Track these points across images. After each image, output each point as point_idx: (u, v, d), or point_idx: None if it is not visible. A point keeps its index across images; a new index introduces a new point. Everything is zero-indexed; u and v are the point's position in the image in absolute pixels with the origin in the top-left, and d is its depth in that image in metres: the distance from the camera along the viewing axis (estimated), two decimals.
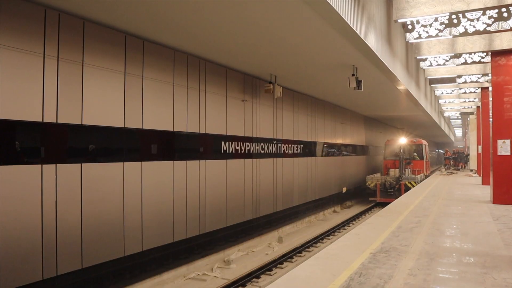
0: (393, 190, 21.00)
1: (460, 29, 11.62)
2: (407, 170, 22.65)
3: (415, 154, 24.86)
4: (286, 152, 15.72)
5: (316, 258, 6.20)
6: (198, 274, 9.32)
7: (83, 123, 7.43)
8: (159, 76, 9.26)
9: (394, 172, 22.81)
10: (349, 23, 7.80)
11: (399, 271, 5.42)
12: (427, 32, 12.16)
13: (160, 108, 9.30)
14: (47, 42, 6.83)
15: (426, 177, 25.45)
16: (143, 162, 8.73)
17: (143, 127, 8.77)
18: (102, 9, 7.09)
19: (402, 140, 24.14)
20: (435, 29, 11.91)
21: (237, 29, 8.33)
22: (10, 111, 6.27)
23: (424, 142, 26.32)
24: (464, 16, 11.46)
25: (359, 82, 11.63)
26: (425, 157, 25.53)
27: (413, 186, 19.79)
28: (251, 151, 13.08)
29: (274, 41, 9.17)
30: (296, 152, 16.61)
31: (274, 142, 14.74)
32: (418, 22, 12.20)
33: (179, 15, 7.45)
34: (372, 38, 9.66)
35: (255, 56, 10.63)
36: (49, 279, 6.82)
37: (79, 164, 7.34)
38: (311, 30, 8.37)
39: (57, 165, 6.95)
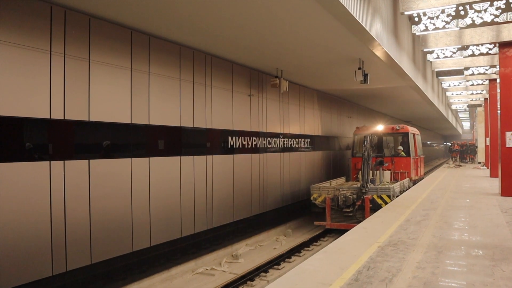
0: (353, 210, 12.20)
1: (468, 20, 11.50)
2: (378, 173, 13.82)
3: (400, 148, 16.10)
4: (294, 146, 15.70)
5: (324, 252, 6.21)
6: (207, 269, 9.36)
7: (90, 120, 7.47)
8: (165, 72, 9.27)
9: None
10: (355, 16, 7.74)
11: (407, 264, 5.41)
12: (434, 24, 12.05)
13: (166, 104, 9.32)
14: (54, 39, 6.86)
15: (415, 183, 16.47)
16: (150, 158, 8.77)
17: (150, 123, 8.79)
18: (107, 5, 7.10)
19: (379, 128, 16.45)
20: (442, 21, 11.80)
21: (243, 24, 8.30)
22: (18, 108, 6.31)
23: (412, 129, 17.06)
24: (471, 8, 11.33)
25: (365, 76, 11.57)
26: (412, 152, 16.20)
27: (386, 203, 11.54)
28: (258, 146, 13.08)
29: (279, 36, 9.14)
30: (303, 146, 16.59)
31: (281, 136, 14.72)
32: (424, 14, 12.09)
33: (185, 11, 7.44)
34: (378, 31, 9.59)
35: (261, 51, 10.61)
36: (59, 275, 6.89)
37: (87, 161, 7.39)
38: (316, 23, 8.33)
39: (65, 161, 7.00)
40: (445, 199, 11.63)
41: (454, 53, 15.84)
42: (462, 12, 11.51)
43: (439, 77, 22.04)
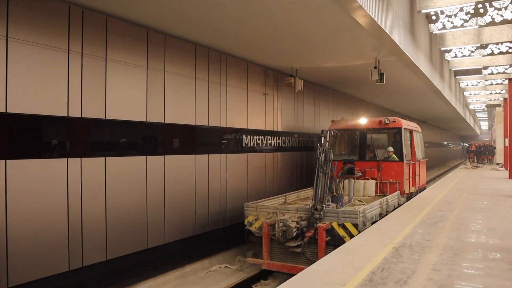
0: (301, 244, 8.11)
1: (487, 18, 11.29)
2: (349, 185, 9.87)
3: (390, 149, 11.98)
4: (309, 146, 15.65)
5: (338, 252, 6.17)
6: (220, 267, 9.40)
7: (107, 118, 7.56)
8: (181, 70, 9.33)
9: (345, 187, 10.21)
10: (371, 15, 7.68)
11: (422, 266, 5.34)
12: (451, 22, 11.87)
13: (181, 102, 9.37)
14: (71, 38, 6.96)
15: (410, 197, 12.08)
16: (165, 156, 8.83)
17: (165, 121, 8.86)
18: (124, 5, 7.17)
19: (361, 122, 12.29)
20: (460, 19, 11.61)
21: (258, 23, 8.30)
22: (36, 106, 6.42)
23: (407, 124, 12.82)
24: (491, 5, 11.12)
25: (381, 75, 11.46)
26: (408, 154, 12.09)
27: (351, 236, 7.64)
28: (272, 145, 13.07)
29: (294, 34, 9.11)
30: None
31: (296, 135, 14.69)
32: (442, 12, 11.92)
33: (200, 10, 7.47)
34: (395, 29, 9.49)
35: (276, 50, 10.59)
36: (75, 270, 7.00)
37: (103, 158, 7.48)
38: (332, 22, 8.28)
39: (82, 158, 7.10)
40: (462, 201, 11.46)
41: (472, 52, 15.57)
42: (482, 10, 11.30)
43: (456, 77, 21.71)
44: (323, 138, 8.67)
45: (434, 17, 12.25)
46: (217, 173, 10.48)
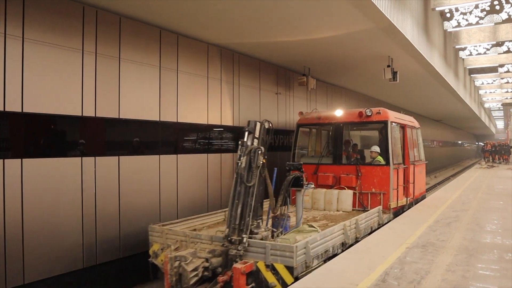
0: None
1: (503, 15, 11.12)
2: (298, 201, 7.11)
3: (374, 149, 9.59)
4: None
5: (351, 251, 6.15)
6: None
7: (120, 117, 7.62)
8: (193, 70, 9.36)
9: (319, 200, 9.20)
10: (384, 12, 7.62)
11: (436, 266, 5.29)
12: (466, 20, 11.73)
13: (194, 102, 9.41)
14: (85, 38, 7.03)
15: (398, 213, 9.47)
16: (178, 155, 8.88)
17: (178, 121, 8.90)
18: (137, 5, 7.22)
19: (337, 114, 10.02)
20: (476, 16, 11.46)
21: (271, 23, 8.29)
22: (52, 105, 6.51)
23: (397, 117, 10.17)
24: (507, 2, 10.95)
25: (394, 73, 11.37)
26: (397, 156, 9.68)
27: (285, 286, 5.12)
28: (285, 144, 13.05)
29: (307, 33, 9.08)
30: None
31: None
32: (457, 9, 11.78)
33: (212, 11, 7.49)
34: (408, 27, 9.40)
35: (289, 49, 10.57)
36: (89, 268, 7.08)
37: (117, 157, 7.55)
38: (344, 20, 8.23)
39: (96, 157, 7.17)
40: (476, 201, 11.31)
41: (488, 49, 15.36)
42: (498, 7, 11.14)
43: (471, 75, 21.43)
44: (247, 133, 5.99)
45: (448, 15, 12.12)
46: (229, 173, 10.51)
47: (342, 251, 6.43)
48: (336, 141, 10.03)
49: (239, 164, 5.76)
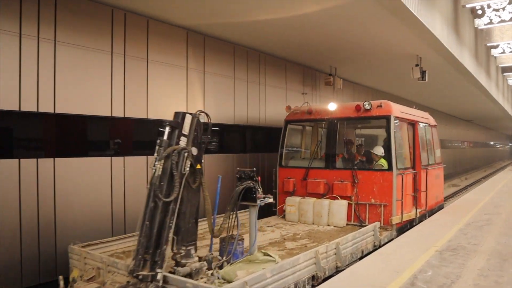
0: None
1: None
2: (251, 225, 5.65)
3: (376, 151, 8.25)
4: None
5: (378, 254, 6.05)
6: None
7: (148, 117, 7.74)
8: (220, 70, 9.42)
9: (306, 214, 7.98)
10: (412, 11, 7.47)
11: (467, 270, 5.14)
12: (499, 16, 11.38)
13: (221, 102, 9.46)
14: (115, 40, 7.19)
15: (403, 228, 7.82)
16: (204, 155, 8.93)
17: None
18: (165, 7, 7.33)
19: (330, 108, 8.51)
20: (509, 12, 11.09)
21: (296, 23, 8.26)
22: (82, 106, 6.68)
23: (403, 111, 8.59)
24: None
25: (423, 73, 11.14)
26: (402, 160, 8.29)
27: None
28: None
29: (334, 33, 9.01)
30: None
31: None
32: (489, 6, 11.44)
33: (238, 11, 7.52)
34: (437, 25, 9.20)
35: (315, 48, 10.51)
36: None
37: (145, 157, 7.67)
38: (372, 19, 8.12)
39: (125, 157, 7.31)
40: (510, 203, 10.94)
41: None
42: None
43: (504, 73, 20.77)
44: (168, 129, 4.68)
45: (479, 12, 11.79)
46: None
47: (313, 286, 5.11)
48: (330, 141, 8.50)
49: (154, 171, 4.34)
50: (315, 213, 7.87)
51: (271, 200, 5.67)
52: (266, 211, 8.10)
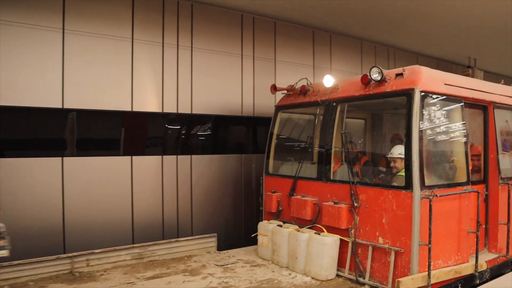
0: None
1: None
2: None
3: (395, 154, 5.30)
4: None
5: None
6: None
7: None
8: (347, 68, 9.21)
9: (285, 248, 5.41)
10: None
11: None
12: None
13: None
14: (244, 43, 7.52)
15: None
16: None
17: None
18: (291, 8, 7.43)
19: (326, 82, 5.69)
20: None
21: (430, 12, 7.64)
22: (217, 107, 7.18)
23: (444, 80, 4.95)
24: None
25: None
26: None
27: None
28: None
29: (472, 20, 8.12)
30: None
31: None
32: None
33: (364, 5, 7.25)
34: None
35: (450, 39, 9.61)
36: None
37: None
38: None
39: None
40: None
41: None
42: None
43: None
44: None
45: None
46: None
47: None
48: (324, 136, 5.66)
49: None
50: (290, 250, 5.35)
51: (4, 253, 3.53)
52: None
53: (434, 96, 4.73)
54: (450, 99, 4.92)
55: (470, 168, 5.00)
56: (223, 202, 7.21)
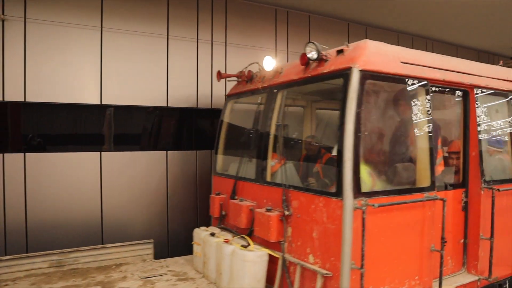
0: None
1: None
2: None
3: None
4: None
5: None
6: None
7: None
8: None
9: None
10: None
11: None
12: None
13: None
14: (278, 38, 7.52)
15: None
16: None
17: None
18: (326, 2, 7.33)
19: (267, 63, 4.87)
20: None
21: (467, 3, 7.35)
22: None
23: (399, 58, 3.82)
24: None
25: None
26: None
27: None
28: None
29: None
30: None
31: None
32: None
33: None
34: None
35: (491, 29, 9.20)
36: None
37: None
38: None
39: None
40: None
41: None
42: None
43: None
44: None
45: None
46: None
47: None
48: (263, 128, 4.78)
49: None
50: (217, 265, 4.57)
51: None
52: None
53: (382, 77, 3.65)
54: (409, 81, 3.85)
55: (442, 169, 4.23)
56: (175, 203, 6.54)
